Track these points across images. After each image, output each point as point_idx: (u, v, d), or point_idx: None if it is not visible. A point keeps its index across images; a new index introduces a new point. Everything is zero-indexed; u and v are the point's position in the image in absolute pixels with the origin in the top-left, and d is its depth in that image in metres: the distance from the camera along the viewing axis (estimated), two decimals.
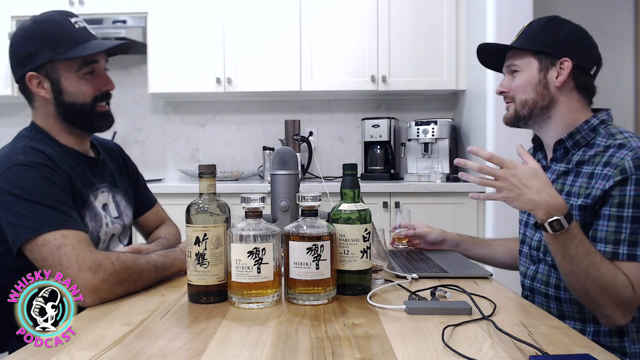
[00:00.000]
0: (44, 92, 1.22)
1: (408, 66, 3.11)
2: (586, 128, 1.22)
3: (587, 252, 1.07)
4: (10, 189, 1.10)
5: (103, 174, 1.36)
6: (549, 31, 1.27)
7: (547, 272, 1.25)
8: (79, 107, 1.23)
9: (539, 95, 1.26)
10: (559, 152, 1.26)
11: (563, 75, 1.23)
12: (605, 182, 1.12)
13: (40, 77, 1.21)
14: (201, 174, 1.06)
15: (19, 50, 1.22)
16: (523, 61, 1.28)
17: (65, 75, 1.21)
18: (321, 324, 0.90)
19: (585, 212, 1.15)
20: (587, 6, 3.23)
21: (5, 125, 3.54)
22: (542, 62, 1.26)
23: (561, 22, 1.29)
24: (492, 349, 0.78)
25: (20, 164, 1.12)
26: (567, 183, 1.22)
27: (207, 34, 3.14)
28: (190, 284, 1.04)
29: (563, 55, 1.23)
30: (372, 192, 2.83)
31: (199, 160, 3.53)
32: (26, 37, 1.20)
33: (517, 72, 1.29)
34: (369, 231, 1.08)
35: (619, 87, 3.22)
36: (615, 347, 1.16)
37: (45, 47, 1.18)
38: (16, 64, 1.23)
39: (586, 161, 1.20)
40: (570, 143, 1.23)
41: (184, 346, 0.81)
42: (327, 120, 3.51)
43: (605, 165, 1.14)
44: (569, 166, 1.23)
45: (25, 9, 3.15)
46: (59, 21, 1.21)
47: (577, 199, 1.17)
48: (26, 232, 1.07)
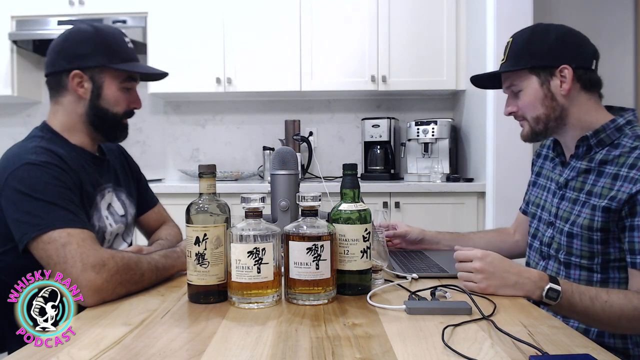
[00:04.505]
0: (82, 91, 1.26)
1: (408, 66, 3.11)
2: (612, 127, 1.20)
3: (592, 298, 1.06)
4: (19, 188, 1.11)
5: (108, 173, 1.39)
6: (536, 43, 1.23)
7: (556, 269, 1.24)
8: (111, 115, 1.29)
9: (550, 109, 1.23)
10: (581, 149, 1.23)
11: (567, 83, 1.21)
12: (632, 186, 1.10)
13: (84, 78, 1.26)
14: (201, 174, 1.06)
15: (72, 47, 1.26)
16: (521, 80, 1.25)
17: (108, 83, 1.27)
18: (321, 324, 0.90)
19: (609, 215, 1.13)
20: (587, 6, 3.23)
21: (5, 125, 3.55)
22: (541, 76, 1.23)
23: (545, 29, 1.24)
24: (492, 349, 0.78)
25: (31, 163, 1.14)
26: (588, 182, 1.20)
27: (207, 34, 3.14)
28: (190, 284, 1.04)
29: (560, 63, 1.21)
30: (372, 192, 2.83)
31: (199, 160, 3.53)
32: (85, 39, 1.26)
33: (520, 91, 1.26)
34: (369, 231, 1.08)
35: (619, 87, 3.22)
36: (618, 349, 1.16)
37: (102, 53, 1.25)
38: (63, 58, 1.26)
39: (610, 161, 1.17)
40: (594, 141, 1.21)
41: (184, 346, 0.81)
42: (327, 120, 3.51)
43: (632, 167, 1.12)
44: (591, 164, 1.20)
45: (25, 9, 3.16)
46: (117, 36, 1.30)
47: (599, 199, 1.15)
48: (33, 229, 1.07)
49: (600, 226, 1.13)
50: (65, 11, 3.13)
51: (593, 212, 1.15)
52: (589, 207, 1.17)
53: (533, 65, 1.23)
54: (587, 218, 1.16)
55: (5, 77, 3.18)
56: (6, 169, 1.14)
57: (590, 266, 1.17)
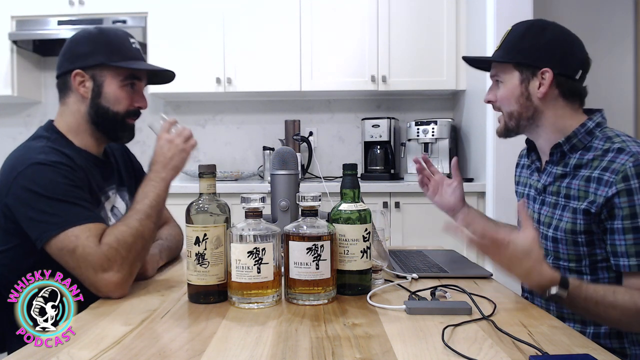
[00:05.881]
0: (83, 90, 1.26)
1: (408, 66, 3.11)
2: (582, 131, 1.20)
3: (597, 301, 1.05)
4: (30, 187, 1.12)
5: (112, 175, 1.39)
6: (528, 39, 1.22)
7: None
8: (112, 114, 1.29)
9: (523, 107, 1.24)
10: (556, 156, 1.24)
11: (544, 86, 1.20)
12: (608, 189, 1.10)
13: (86, 77, 1.26)
14: (201, 174, 1.06)
15: (75, 47, 1.27)
16: (505, 72, 1.25)
17: (108, 81, 1.27)
18: (321, 324, 0.90)
19: (590, 218, 1.13)
20: (587, 6, 3.23)
21: (5, 125, 3.55)
22: (523, 73, 1.22)
23: (541, 27, 1.23)
24: (492, 349, 0.78)
25: (40, 162, 1.14)
26: (564, 185, 1.20)
27: (207, 34, 3.14)
28: (190, 284, 1.04)
29: (543, 65, 1.20)
30: (372, 192, 2.83)
31: (199, 160, 3.53)
32: (87, 39, 1.27)
33: (501, 82, 1.27)
34: (369, 231, 1.08)
35: (619, 87, 3.22)
36: (615, 349, 1.15)
37: (101, 52, 1.26)
38: (67, 59, 1.27)
39: (584, 165, 1.18)
40: (567, 147, 1.21)
41: (184, 346, 0.81)
42: (327, 120, 3.51)
43: (605, 170, 1.12)
44: (567, 169, 1.21)
45: (25, 9, 3.15)
46: (121, 36, 1.30)
47: (578, 202, 1.16)
48: (53, 227, 1.09)
49: (584, 229, 1.14)
50: (65, 11, 3.13)
51: (574, 216, 1.15)
52: (569, 210, 1.17)
53: (518, 62, 1.23)
54: (569, 222, 1.16)
55: (5, 77, 3.18)
56: (15, 168, 1.15)
57: (578, 269, 1.17)
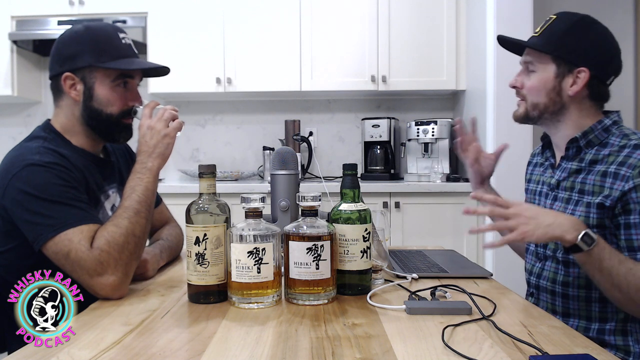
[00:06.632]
0: (74, 93, 1.24)
1: (408, 66, 3.11)
2: (599, 128, 1.21)
3: (620, 260, 1.06)
4: (25, 189, 1.11)
5: (112, 174, 1.38)
6: (574, 36, 1.22)
7: (554, 269, 1.25)
8: (105, 116, 1.26)
9: (551, 101, 1.24)
10: (571, 151, 1.24)
11: (578, 85, 1.21)
12: (624, 183, 1.11)
13: (76, 80, 1.23)
14: (201, 174, 1.06)
15: (63, 49, 1.24)
16: (541, 62, 1.24)
17: (99, 83, 1.24)
18: (321, 324, 0.90)
19: (604, 212, 1.14)
20: (586, 6, 3.19)
21: (5, 125, 3.55)
22: (560, 67, 1.22)
23: (588, 25, 1.24)
24: (492, 349, 0.78)
25: (35, 164, 1.13)
26: (578, 180, 1.21)
27: (207, 34, 3.14)
28: (190, 284, 1.04)
29: (582, 64, 1.20)
30: (372, 192, 2.83)
31: (199, 160, 3.53)
32: (74, 39, 1.24)
33: (534, 72, 1.26)
34: (369, 231, 1.08)
35: (619, 87, 3.19)
36: (619, 346, 1.16)
37: (90, 53, 1.22)
38: (56, 62, 1.25)
39: (600, 160, 1.18)
40: (583, 142, 1.22)
41: (184, 346, 0.81)
42: (327, 120, 3.51)
43: (621, 164, 1.13)
44: (582, 165, 1.22)
45: (25, 9, 3.16)
46: (109, 32, 1.25)
47: (592, 197, 1.16)
48: (48, 230, 1.08)
49: (596, 223, 1.14)
50: (65, 11, 3.14)
51: (588, 209, 1.16)
52: (583, 205, 1.17)
53: (559, 55, 1.22)
54: (582, 216, 1.16)
55: (5, 77, 3.18)
56: (10, 170, 1.13)
57: None
